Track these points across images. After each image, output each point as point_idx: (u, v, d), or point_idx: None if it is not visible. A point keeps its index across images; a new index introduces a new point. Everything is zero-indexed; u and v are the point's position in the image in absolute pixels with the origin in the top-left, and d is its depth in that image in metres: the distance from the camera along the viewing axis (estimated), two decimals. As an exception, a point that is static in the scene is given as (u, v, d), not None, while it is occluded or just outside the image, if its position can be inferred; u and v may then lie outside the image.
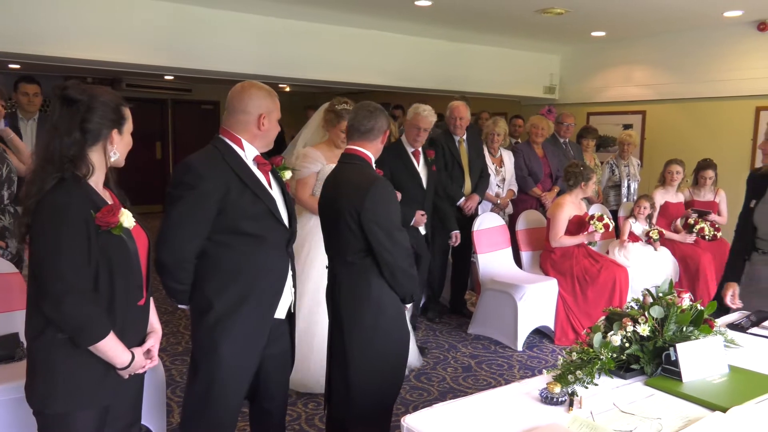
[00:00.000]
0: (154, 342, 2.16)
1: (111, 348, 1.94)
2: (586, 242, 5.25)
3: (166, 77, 10.03)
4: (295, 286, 2.59)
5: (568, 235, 5.18)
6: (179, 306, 2.54)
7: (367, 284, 2.72)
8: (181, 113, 12.42)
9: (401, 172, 4.65)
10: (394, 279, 2.73)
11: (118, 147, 2.01)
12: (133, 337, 2.06)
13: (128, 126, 2.04)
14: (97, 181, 2.00)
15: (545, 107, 7.07)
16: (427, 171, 4.76)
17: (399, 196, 4.11)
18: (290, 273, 2.54)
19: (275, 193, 2.51)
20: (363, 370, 2.75)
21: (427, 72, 7.40)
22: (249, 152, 2.46)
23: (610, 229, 5.31)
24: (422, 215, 4.58)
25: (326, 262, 2.92)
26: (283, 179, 2.60)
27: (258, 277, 2.41)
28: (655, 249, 5.81)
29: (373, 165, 2.87)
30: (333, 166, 3.52)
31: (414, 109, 4.68)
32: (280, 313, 2.53)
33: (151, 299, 2.23)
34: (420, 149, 4.75)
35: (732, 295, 3.31)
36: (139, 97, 11.35)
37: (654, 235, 5.79)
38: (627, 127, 7.79)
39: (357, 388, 2.75)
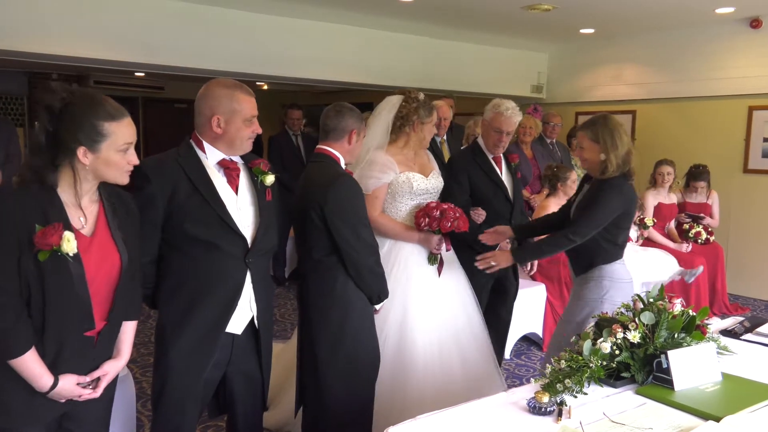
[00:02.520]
0: (107, 370, 2.08)
1: (27, 368, 1.89)
2: None
3: (137, 74, 9.94)
4: (260, 301, 2.53)
5: None
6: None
7: (333, 282, 2.78)
8: (152, 112, 12.32)
9: (482, 181, 3.90)
10: (359, 277, 2.78)
11: (94, 165, 1.94)
12: (79, 367, 2.00)
13: (111, 143, 1.94)
14: (75, 195, 1.95)
15: (531, 106, 7.11)
16: (512, 179, 4.04)
17: (483, 214, 3.81)
18: (251, 286, 2.48)
19: (241, 199, 2.47)
20: (333, 371, 2.79)
21: (411, 70, 7.41)
22: (211, 155, 2.45)
23: None
24: (507, 242, 3.86)
25: (404, 294, 2.98)
26: (265, 184, 2.56)
27: (209, 285, 2.40)
28: (642, 236, 5.89)
29: (342, 165, 2.92)
30: (410, 174, 3.48)
31: (494, 107, 3.89)
32: (235, 327, 2.48)
33: (129, 323, 2.19)
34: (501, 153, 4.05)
35: (492, 233, 3.48)
36: (107, 94, 11.21)
37: (648, 221, 5.84)
38: (617, 127, 7.85)
39: (329, 391, 2.77)
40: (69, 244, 1.86)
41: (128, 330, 2.19)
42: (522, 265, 4.59)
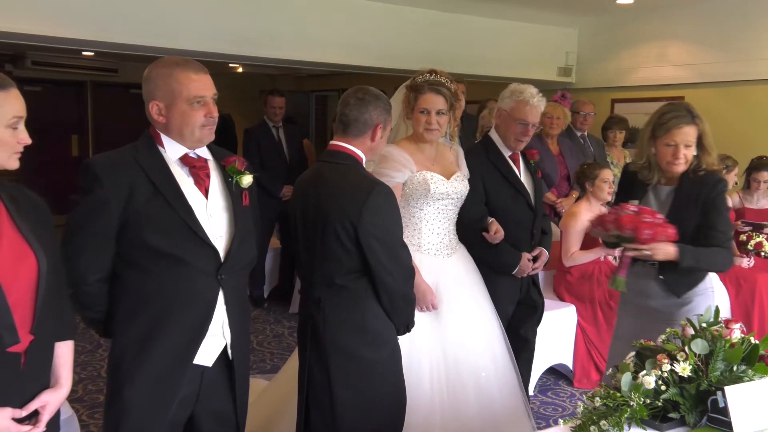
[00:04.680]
0: (46, 400, 2.06)
1: None
2: (614, 265, 5.21)
3: (85, 53, 9.95)
4: (235, 326, 2.54)
5: (583, 250, 5.17)
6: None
7: (362, 312, 2.77)
8: (103, 99, 12.32)
9: (500, 186, 3.84)
10: (392, 305, 2.78)
11: None
12: (7, 397, 1.96)
13: None
14: None
15: (558, 92, 7.11)
16: (532, 180, 4.01)
17: (500, 234, 3.72)
18: (224, 308, 2.49)
19: (213, 204, 2.48)
20: (355, 413, 2.77)
21: (413, 49, 7.40)
22: (171, 150, 2.46)
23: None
24: (530, 260, 3.88)
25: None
26: (242, 186, 2.56)
27: (174, 307, 2.40)
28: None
29: (364, 166, 2.89)
30: (427, 174, 3.44)
31: (515, 94, 3.88)
32: (205, 358, 2.48)
33: (64, 345, 2.18)
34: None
35: None
36: (48, 78, 11.23)
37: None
38: (661, 117, 7.85)
39: None
40: None
41: (64, 353, 2.18)
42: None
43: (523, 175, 3.97)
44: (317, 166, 2.91)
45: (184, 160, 2.46)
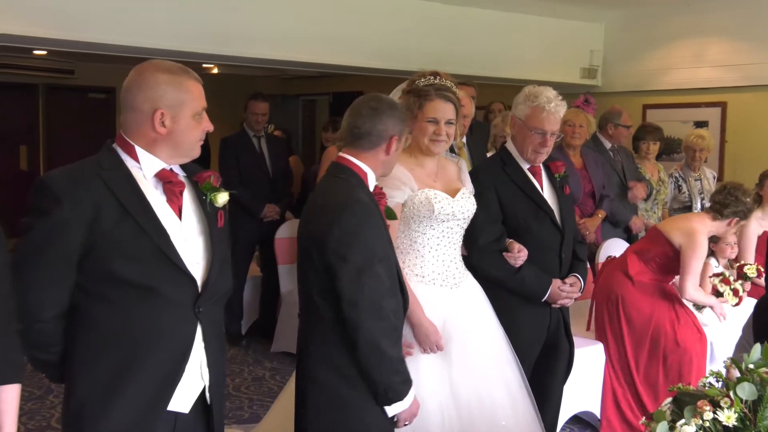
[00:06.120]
0: None
1: None
2: (718, 313, 5.10)
3: (36, 52, 9.99)
4: (213, 366, 2.54)
5: (703, 292, 5.09)
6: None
7: (339, 351, 2.77)
8: (58, 104, 12.35)
9: (518, 202, 3.85)
10: (358, 351, 2.73)
11: None
12: None
13: None
14: None
15: (581, 96, 7.11)
16: (557, 197, 4.01)
17: (523, 255, 3.73)
18: (202, 345, 2.49)
19: (187, 226, 2.49)
20: None
21: (416, 47, 7.43)
22: (147, 165, 2.46)
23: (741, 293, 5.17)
24: (559, 287, 3.85)
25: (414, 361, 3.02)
26: (216, 205, 2.57)
27: (146, 345, 2.38)
28: (744, 289, 5.61)
29: (371, 183, 2.94)
30: (430, 192, 3.42)
31: (529, 98, 3.86)
32: (180, 404, 2.47)
33: (9, 388, 2.17)
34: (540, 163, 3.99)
35: None
36: (-4, 81, 11.26)
37: (750, 271, 5.59)
38: (700, 125, 7.88)
39: None
40: None
41: (9, 398, 2.16)
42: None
43: (546, 191, 3.96)
44: (321, 180, 3.03)
45: (160, 175, 2.46)
